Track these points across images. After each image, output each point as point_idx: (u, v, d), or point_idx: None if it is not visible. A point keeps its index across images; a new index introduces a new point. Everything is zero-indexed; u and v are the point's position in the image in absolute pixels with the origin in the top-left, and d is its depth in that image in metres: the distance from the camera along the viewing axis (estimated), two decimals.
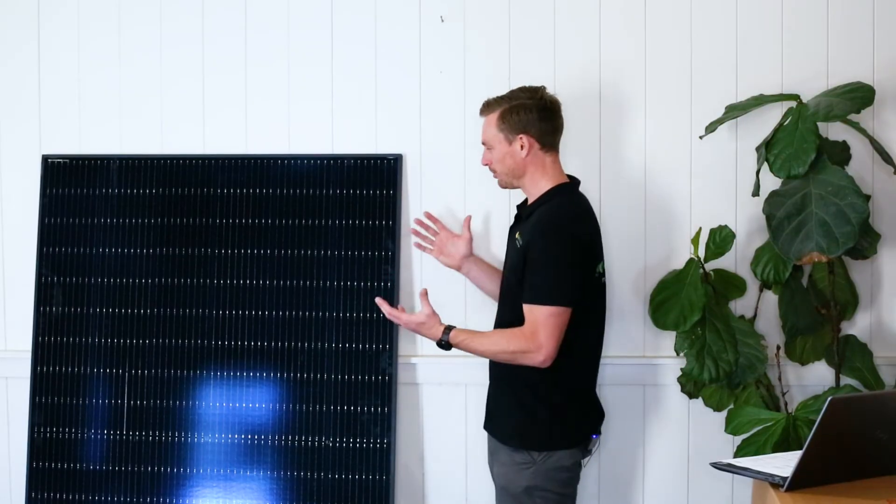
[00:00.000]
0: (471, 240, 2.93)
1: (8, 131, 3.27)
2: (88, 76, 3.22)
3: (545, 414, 2.57)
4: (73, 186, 3.20)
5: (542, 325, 2.45)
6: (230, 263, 3.12)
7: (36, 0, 3.24)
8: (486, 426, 2.73)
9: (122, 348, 3.13)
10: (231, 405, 3.08)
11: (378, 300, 2.76)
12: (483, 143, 2.68)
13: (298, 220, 3.11)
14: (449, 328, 2.61)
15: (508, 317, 2.60)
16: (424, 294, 2.68)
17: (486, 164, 2.69)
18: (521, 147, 2.57)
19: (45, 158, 3.21)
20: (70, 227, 3.18)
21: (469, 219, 2.95)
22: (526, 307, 2.49)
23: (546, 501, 2.57)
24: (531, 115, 2.57)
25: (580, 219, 2.58)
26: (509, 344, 2.51)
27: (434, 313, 2.64)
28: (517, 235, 2.60)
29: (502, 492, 2.62)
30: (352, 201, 3.10)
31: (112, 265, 3.16)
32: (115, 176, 3.18)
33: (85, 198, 3.19)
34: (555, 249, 2.48)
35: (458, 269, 2.94)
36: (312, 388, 3.06)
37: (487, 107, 2.65)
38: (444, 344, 2.61)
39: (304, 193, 3.11)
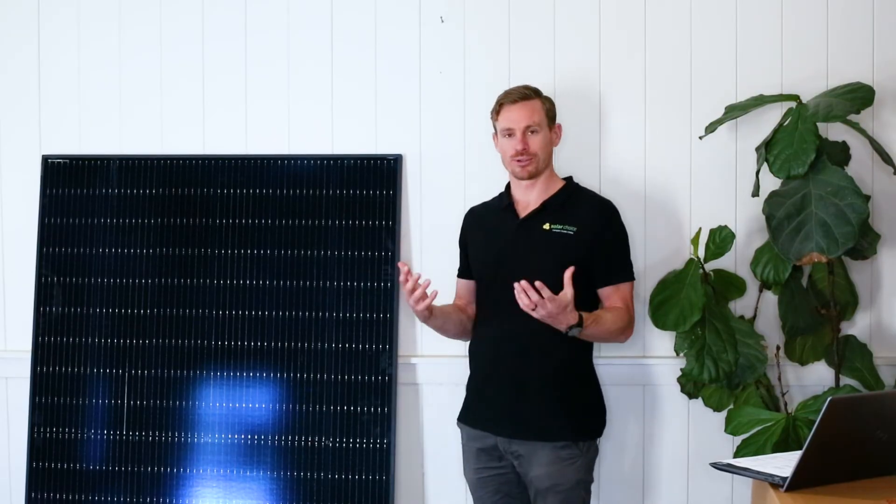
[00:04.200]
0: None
1: (8, 131, 3.27)
2: (88, 76, 3.23)
3: (586, 402, 2.65)
4: (73, 186, 3.20)
5: (631, 300, 2.68)
6: (230, 263, 3.12)
7: (36, 0, 3.24)
8: (507, 432, 2.61)
9: (122, 348, 3.13)
10: (231, 405, 3.08)
11: (522, 284, 2.37)
12: (528, 126, 2.62)
13: (298, 220, 3.11)
14: (580, 313, 2.48)
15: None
16: (571, 274, 2.43)
17: (524, 149, 2.61)
18: (556, 136, 2.72)
19: (45, 158, 3.21)
20: (70, 227, 3.19)
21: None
22: (610, 288, 2.64)
23: (586, 493, 2.63)
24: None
25: None
26: (622, 321, 2.62)
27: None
28: (548, 227, 2.61)
29: (548, 492, 2.57)
30: (352, 201, 3.10)
31: (112, 265, 3.16)
32: (115, 176, 3.18)
33: (85, 198, 3.19)
34: (623, 230, 2.71)
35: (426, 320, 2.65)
36: (312, 388, 3.06)
37: (527, 93, 2.66)
38: (575, 328, 2.47)
39: (304, 193, 3.11)
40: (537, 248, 2.62)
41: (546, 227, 2.61)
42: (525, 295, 2.37)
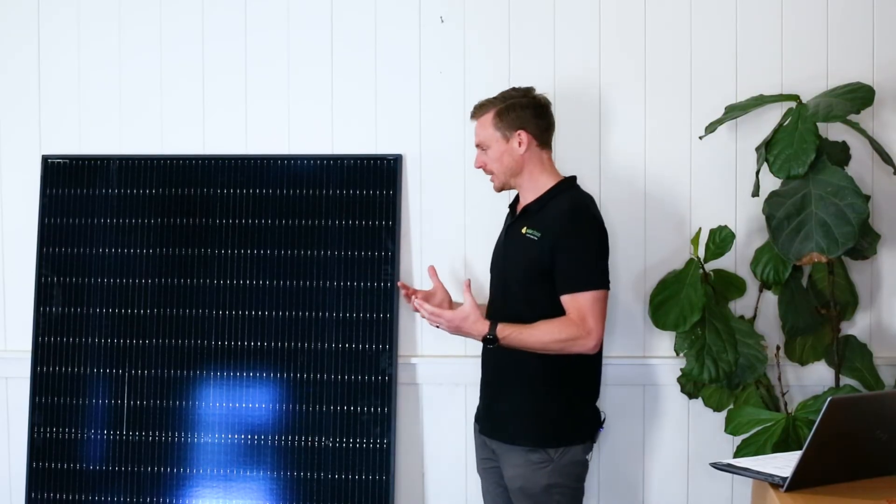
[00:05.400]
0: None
1: (8, 131, 3.27)
2: (88, 76, 3.23)
3: (559, 410, 2.57)
4: (72, 186, 3.20)
5: (589, 310, 2.47)
6: (230, 263, 3.12)
7: (36, 0, 3.24)
8: (486, 430, 2.67)
9: (122, 348, 3.14)
10: (231, 405, 3.08)
11: (417, 302, 2.59)
12: (477, 145, 2.66)
13: (298, 220, 3.11)
14: (494, 323, 2.50)
15: (520, 310, 2.54)
16: (468, 285, 2.55)
17: (481, 167, 2.67)
18: (520, 144, 2.59)
19: (45, 158, 3.22)
20: (70, 227, 3.19)
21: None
22: (567, 297, 2.48)
23: (563, 497, 2.57)
24: (527, 112, 2.60)
25: (596, 209, 2.63)
26: (561, 332, 2.46)
27: (477, 306, 2.53)
28: (524, 230, 2.56)
29: (519, 493, 2.58)
30: (352, 201, 3.10)
31: (112, 265, 3.16)
32: (115, 176, 3.18)
33: (85, 198, 3.19)
34: (587, 235, 2.53)
35: None
36: (312, 388, 3.06)
37: (481, 108, 2.64)
38: (491, 339, 2.49)
39: (304, 193, 3.11)
40: (513, 251, 2.63)
41: (523, 230, 2.58)
42: (423, 310, 2.56)
